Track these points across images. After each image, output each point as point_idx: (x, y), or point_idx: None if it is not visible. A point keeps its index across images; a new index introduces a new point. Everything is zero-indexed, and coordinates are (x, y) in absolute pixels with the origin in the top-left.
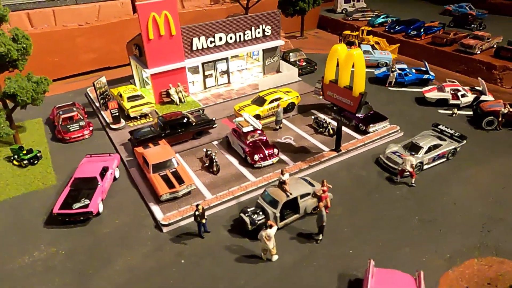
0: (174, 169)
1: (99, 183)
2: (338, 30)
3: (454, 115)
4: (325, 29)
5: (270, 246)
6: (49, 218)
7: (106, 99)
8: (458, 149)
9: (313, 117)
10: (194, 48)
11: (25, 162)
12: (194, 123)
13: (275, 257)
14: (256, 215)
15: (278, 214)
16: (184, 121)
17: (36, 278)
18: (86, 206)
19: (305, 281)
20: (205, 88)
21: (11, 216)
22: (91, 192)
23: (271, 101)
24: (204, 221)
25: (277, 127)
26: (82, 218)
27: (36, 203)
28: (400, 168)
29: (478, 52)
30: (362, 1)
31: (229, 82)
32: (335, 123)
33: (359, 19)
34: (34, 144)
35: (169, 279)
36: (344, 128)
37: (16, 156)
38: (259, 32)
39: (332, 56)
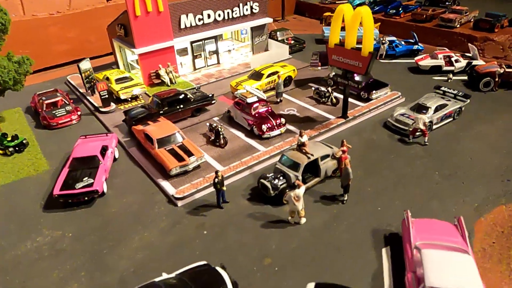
0: (180, 143)
1: (100, 161)
2: (317, 14)
3: (449, 80)
4: (303, 15)
5: (299, 207)
6: (48, 202)
7: (93, 83)
8: (463, 108)
9: (313, 88)
10: (183, 26)
11: (11, 149)
12: (192, 99)
13: (303, 220)
14: (277, 180)
15: (300, 177)
16: (181, 97)
17: (45, 262)
18: (90, 184)
19: (340, 239)
20: (195, 69)
21: (4, 204)
22: (93, 171)
23: (269, 75)
24: (224, 188)
25: (278, 100)
26: (86, 198)
27: (30, 189)
28: (411, 129)
29: (458, 25)
30: None
31: (218, 62)
32: (337, 94)
33: (336, 2)
34: (17, 133)
35: (194, 250)
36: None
37: None
38: (247, 9)
39: (337, 17)
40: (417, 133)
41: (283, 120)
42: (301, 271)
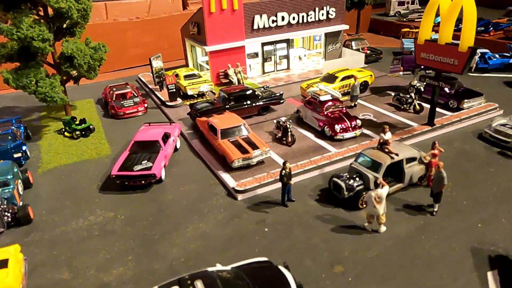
0: (245, 136)
1: (161, 147)
2: (392, 32)
3: None
4: (377, 32)
5: (380, 211)
6: (105, 184)
7: (162, 78)
8: None
9: (393, 93)
10: (255, 26)
11: (77, 133)
12: (260, 97)
13: (383, 228)
14: (352, 181)
15: (381, 179)
16: (249, 93)
17: (93, 241)
18: (149, 168)
19: (430, 254)
20: (264, 73)
21: (63, 182)
22: (153, 156)
23: (343, 79)
24: (291, 182)
25: (352, 104)
26: (143, 182)
27: (90, 170)
28: None
29: None
30: (416, 3)
31: (288, 68)
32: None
33: (415, 20)
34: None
35: (253, 247)
36: (428, 106)
37: (67, 127)
38: (322, 14)
39: (431, 9)
40: None
41: (359, 122)
42: (381, 284)
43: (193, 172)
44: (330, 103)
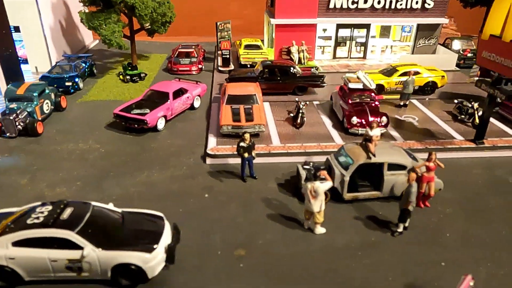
0: (250, 106)
1: (168, 99)
2: None
3: None
4: None
5: (315, 208)
6: (114, 122)
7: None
8: None
9: (456, 101)
10: (332, 5)
11: (128, 77)
12: (298, 75)
13: (319, 229)
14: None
15: (347, 179)
16: (285, 69)
17: (66, 163)
18: (143, 114)
19: (350, 276)
20: (334, 57)
21: (88, 113)
22: (156, 105)
23: (404, 73)
24: (254, 155)
25: (401, 104)
26: (136, 125)
27: (113, 108)
28: None
29: None
30: None
31: (364, 57)
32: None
33: None
34: (147, 70)
35: (181, 207)
36: (500, 124)
37: (123, 72)
38: (417, 2)
39: None
40: None
41: (384, 119)
42: (265, 284)
43: (191, 130)
44: (359, 92)
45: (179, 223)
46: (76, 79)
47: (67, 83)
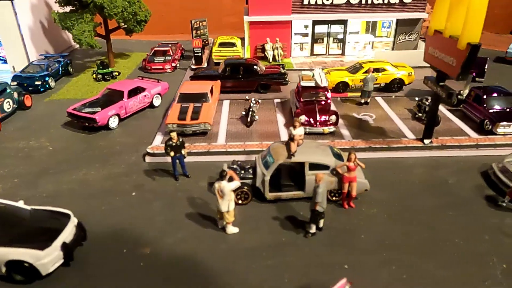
0: (200, 105)
1: (122, 98)
2: None
3: None
4: None
5: (223, 208)
6: (68, 120)
7: (205, 42)
8: None
9: (417, 98)
10: (306, 2)
11: (99, 76)
12: (260, 73)
13: (231, 229)
14: (243, 171)
15: (267, 178)
16: (247, 67)
17: (10, 160)
18: (93, 113)
19: (242, 277)
20: (311, 54)
21: (51, 111)
22: (109, 104)
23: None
24: (184, 154)
25: (362, 101)
26: (87, 124)
27: None
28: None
29: None
30: None
31: (343, 53)
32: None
33: None
34: (123, 69)
35: (105, 205)
36: (460, 123)
37: (96, 70)
38: None
39: None
40: None
41: (333, 118)
42: (155, 283)
43: (144, 128)
44: (310, 91)
45: (98, 221)
46: (47, 78)
47: (36, 82)
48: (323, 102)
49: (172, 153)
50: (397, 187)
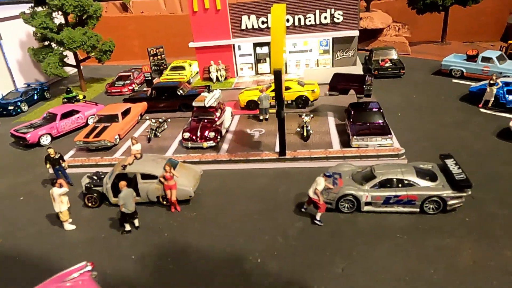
0: (108, 124)
1: (56, 120)
2: None
3: None
4: None
5: (55, 209)
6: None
7: (162, 67)
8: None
9: (300, 114)
10: (244, 26)
11: (65, 100)
12: (180, 94)
13: (68, 226)
14: (99, 180)
15: (108, 186)
16: (170, 89)
17: None
18: (25, 133)
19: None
20: (257, 74)
21: (5, 131)
22: (42, 125)
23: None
24: (64, 166)
25: (261, 118)
26: (21, 142)
27: None
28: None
29: None
30: None
31: (286, 72)
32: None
33: None
34: (92, 93)
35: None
36: (335, 137)
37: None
38: (325, 17)
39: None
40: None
41: (212, 134)
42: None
43: (70, 144)
44: (201, 111)
45: None
46: (19, 103)
47: (9, 107)
48: (209, 119)
49: (48, 165)
50: (229, 193)
